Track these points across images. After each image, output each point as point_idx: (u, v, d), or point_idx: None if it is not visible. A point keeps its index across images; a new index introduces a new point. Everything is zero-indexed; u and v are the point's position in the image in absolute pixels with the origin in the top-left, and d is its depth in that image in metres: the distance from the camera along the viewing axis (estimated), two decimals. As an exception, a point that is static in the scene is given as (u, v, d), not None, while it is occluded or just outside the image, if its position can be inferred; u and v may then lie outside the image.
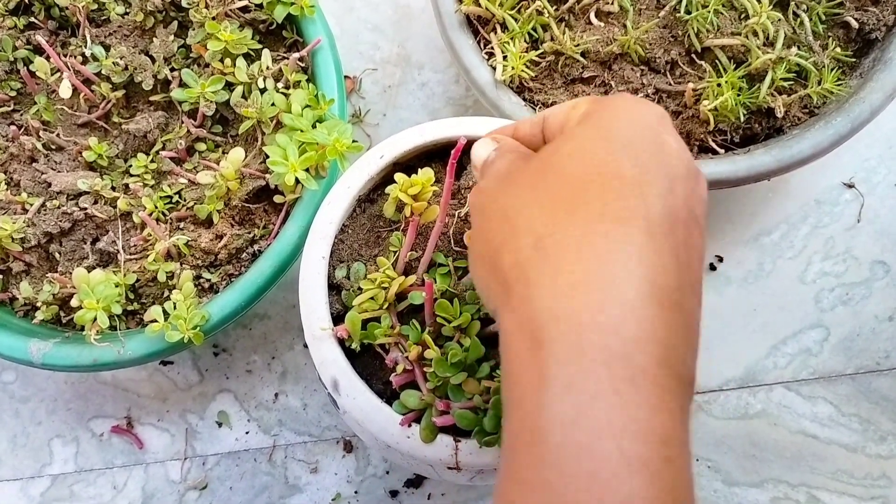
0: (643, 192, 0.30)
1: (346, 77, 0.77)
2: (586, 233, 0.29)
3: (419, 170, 0.47)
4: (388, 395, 0.48)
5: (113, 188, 0.63)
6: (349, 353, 0.48)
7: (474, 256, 0.35)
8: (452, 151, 0.41)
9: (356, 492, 0.68)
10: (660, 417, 0.26)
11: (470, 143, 0.41)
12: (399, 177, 0.47)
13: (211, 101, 0.62)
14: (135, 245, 0.60)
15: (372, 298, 0.47)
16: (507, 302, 0.30)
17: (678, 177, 0.31)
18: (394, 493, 0.68)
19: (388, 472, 0.68)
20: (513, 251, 0.30)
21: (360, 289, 0.48)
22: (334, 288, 0.51)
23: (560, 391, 0.26)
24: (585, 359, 0.27)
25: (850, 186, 0.74)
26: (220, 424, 0.70)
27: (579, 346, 0.27)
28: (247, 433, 0.69)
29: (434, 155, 0.54)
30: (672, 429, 0.27)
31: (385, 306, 0.47)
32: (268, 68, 0.62)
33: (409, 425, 0.45)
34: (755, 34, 0.60)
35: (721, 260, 0.72)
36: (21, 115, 0.65)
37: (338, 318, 0.49)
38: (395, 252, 0.49)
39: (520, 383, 0.28)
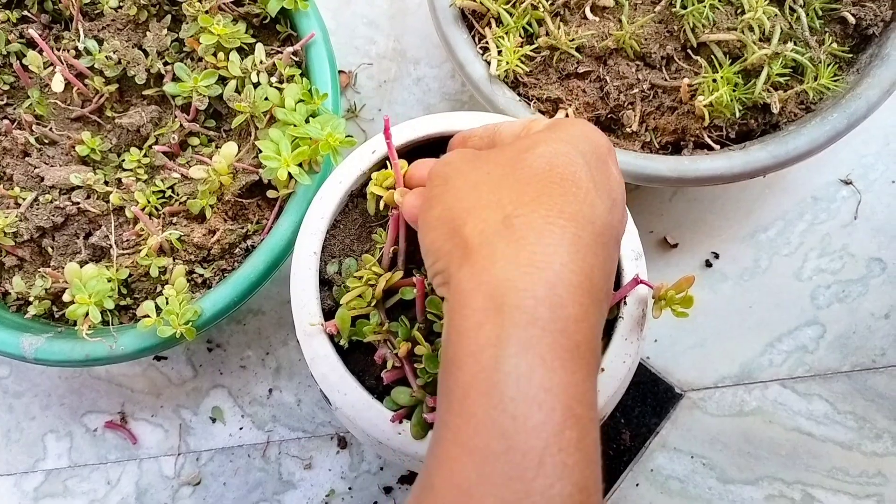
0: (593, 203, 0.35)
1: (341, 72, 0.77)
2: (548, 222, 0.34)
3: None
4: (380, 391, 0.47)
5: (106, 183, 0.62)
6: (340, 349, 0.48)
7: (430, 219, 0.37)
8: (382, 130, 0.45)
9: (350, 488, 0.68)
10: (588, 384, 0.32)
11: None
12: (376, 174, 0.47)
13: (204, 96, 0.61)
14: (127, 240, 0.60)
15: (360, 296, 0.47)
16: (465, 262, 0.34)
17: (616, 201, 0.37)
18: (388, 490, 0.68)
19: (382, 469, 0.68)
20: (480, 220, 0.35)
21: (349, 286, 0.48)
22: (326, 283, 0.50)
23: (516, 351, 0.31)
24: (537, 327, 0.31)
25: (847, 183, 0.73)
26: (213, 420, 0.70)
27: (534, 315, 0.32)
28: (240, 429, 0.69)
29: (427, 149, 0.54)
30: (595, 395, 0.33)
31: (373, 303, 0.47)
32: (261, 62, 0.61)
33: (400, 421, 0.45)
34: (751, 29, 0.60)
35: (717, 256, 0.72)
36: (14, 109, 0.65)
37: (329, 314, 0.49)
38: (381, 248, 0.49)
39: (476, 338, 0.32)
